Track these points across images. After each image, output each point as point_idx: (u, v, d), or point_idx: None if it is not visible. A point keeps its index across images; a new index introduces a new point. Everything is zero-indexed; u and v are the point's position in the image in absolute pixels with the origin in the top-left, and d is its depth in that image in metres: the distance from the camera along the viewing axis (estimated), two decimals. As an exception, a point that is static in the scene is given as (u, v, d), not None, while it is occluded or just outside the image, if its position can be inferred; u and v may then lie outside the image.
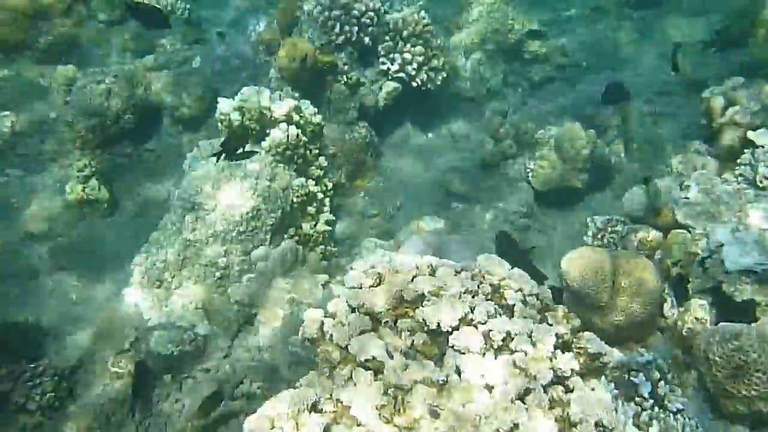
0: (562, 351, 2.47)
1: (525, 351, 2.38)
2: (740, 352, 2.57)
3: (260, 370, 3.80)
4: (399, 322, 2.76)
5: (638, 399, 2.71)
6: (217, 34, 6.12)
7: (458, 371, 2.30)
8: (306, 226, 4.42)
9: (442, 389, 2.25)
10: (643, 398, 2.71)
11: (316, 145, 4.78)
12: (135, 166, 5.44)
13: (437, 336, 2.57)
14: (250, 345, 3.94)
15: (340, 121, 5.44)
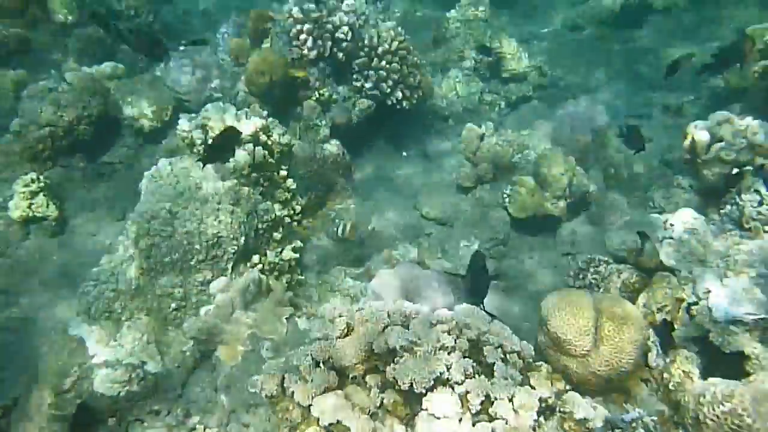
0: (545, 418, 2.26)
1: (506, 419, 2.16)
2: (734, 416, 2.40)
3: (216, 413, 3.51)
4: (368, 377, 2.53)
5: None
6: (192, 42, 5.80)
7: (432, 443, 2.09)
8: (271, 254, 4.14)
9: (414, 465, 2.02)
10: (630, 461, 2.52)
11: (284, 166, 4.50)
12: (89, 181, 5.08)
13: (409, 394, 2.35)
14: (206, 385, 3.63)
15: (311, 139, 5.18)
